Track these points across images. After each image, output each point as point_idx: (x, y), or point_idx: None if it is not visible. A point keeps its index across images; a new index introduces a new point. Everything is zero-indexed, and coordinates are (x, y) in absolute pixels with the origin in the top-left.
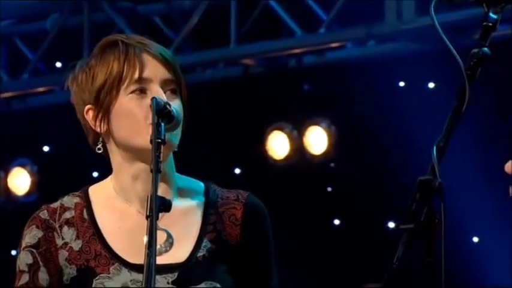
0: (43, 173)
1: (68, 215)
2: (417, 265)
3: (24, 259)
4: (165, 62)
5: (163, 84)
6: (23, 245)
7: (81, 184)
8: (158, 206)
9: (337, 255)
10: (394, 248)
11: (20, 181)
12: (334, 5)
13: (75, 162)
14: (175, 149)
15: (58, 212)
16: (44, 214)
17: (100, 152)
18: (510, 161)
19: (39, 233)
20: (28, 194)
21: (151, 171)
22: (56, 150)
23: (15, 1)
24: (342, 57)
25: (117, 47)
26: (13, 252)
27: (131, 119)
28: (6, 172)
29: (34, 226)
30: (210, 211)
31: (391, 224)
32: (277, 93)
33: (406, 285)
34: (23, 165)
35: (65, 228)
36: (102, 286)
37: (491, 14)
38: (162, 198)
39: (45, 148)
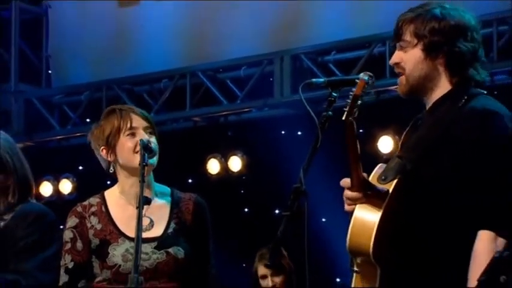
0: (79, 182)
1: (93, 209)
2: (291, 236)
3: (67, 235)
4: (144, 117)
5: (145, 129)
6: (67, 226)
7: (100, 187)
8: (143, 201)
9: (245, 230)
10: (278, 226)
11: (66, 187)
12: (245, 87)
13: (97, 175)
14: (154, 166)
15: (87, 207)
16: (79, 208)
17: (112, 172)
18: (343, 180)
19: (76, 220)
20: (70, 194)
21: (139, 181)
22: (87, 169)
23: (64, 83)
24: (250, 117)
25: (115, 112)
26: None
27: (127, 150)
28: (58, 181)
29: (73, 216)
30: (174, 205)
31: (277, 211)
32: (213, 137)
33: (284, 248)
34: (67, 178)
35: (92, 217)
36: (114, 249)
37: (333, 93)
38: (145, 197)
39: (80, 167)
